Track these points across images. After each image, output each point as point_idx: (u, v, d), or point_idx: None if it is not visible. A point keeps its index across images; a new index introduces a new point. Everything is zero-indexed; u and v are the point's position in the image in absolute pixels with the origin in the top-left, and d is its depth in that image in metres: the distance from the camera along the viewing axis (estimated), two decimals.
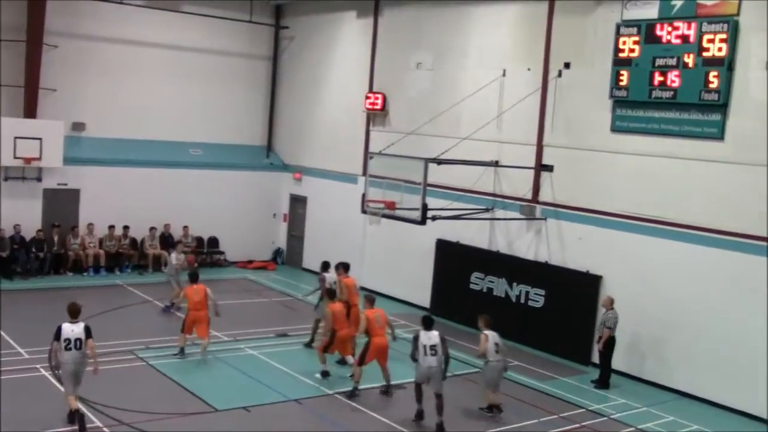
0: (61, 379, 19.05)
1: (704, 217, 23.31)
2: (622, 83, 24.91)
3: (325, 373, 22.79)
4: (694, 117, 23.43)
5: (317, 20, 37.77)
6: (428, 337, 20.03)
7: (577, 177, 26.70)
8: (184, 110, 37.36)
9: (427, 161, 24.68)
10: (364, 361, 21.56)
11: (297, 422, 20.03)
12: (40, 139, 32.27)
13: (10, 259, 32.27)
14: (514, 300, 28.25)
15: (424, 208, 24.54)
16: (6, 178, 32.66)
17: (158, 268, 34.82)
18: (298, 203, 39.20)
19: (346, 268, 25.93)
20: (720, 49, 22.61)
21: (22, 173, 33.00)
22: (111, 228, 34.77)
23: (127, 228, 35.06)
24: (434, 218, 25.64)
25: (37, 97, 32.88)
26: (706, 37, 22.89)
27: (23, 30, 32.40)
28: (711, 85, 22.73)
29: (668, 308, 23.99)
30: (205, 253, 37.59)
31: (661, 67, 23.92)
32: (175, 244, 32.00)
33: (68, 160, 33.31)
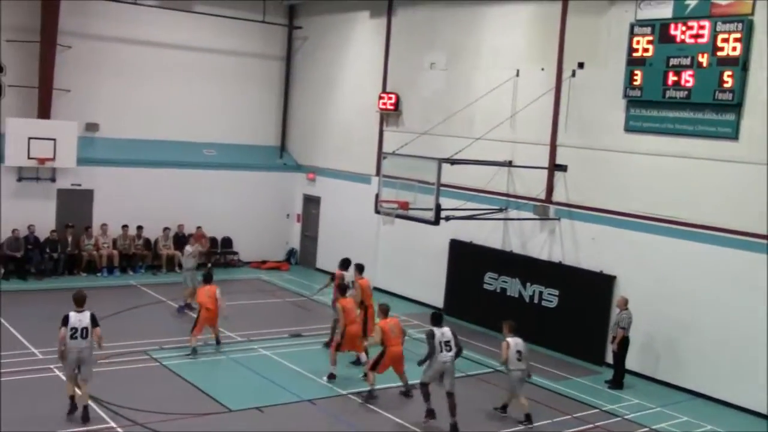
0: (65, 367, 19.09)
1: (718, 216, 23.23)
2: (635, 83, 24.84)
3: (331, 376, 22.71)
4: (709, 117, 23.36)
5: (330, 20, 37.79)
6: (442, 333, 20.00)
7: (591, 177, 26.64)
8: (197, 111, 37.41)
9: (441, 161, 24.68)
10: (378, 368, 21.44)
11: (310, 423, 20.02)
12: (54, 139, 32.38)
13: (24, 260, 32.36)
14: (527, 300, 28.20)
15: (438, 209, 24.54)
16: (20, 178, 32.77)
17: (172, 268, 34.99)
18: (311, 203, 39.21)
19: (360, 269, 25.95)
20: (734, 49, 22.52)
21: (36, 174, 33.08)
22: (124, 228, 34.82)
23: (140, 228, 35.14)
24: (448, 218, 25.63)
25: (51, 98, 32.95)
26: (720, 36, 22.81)
27: (37, 31, 32.48)
28: (725, 85, 22.64)
29: (682, 308, 23.92)
30: (219, 253, 37.63)
31: (675, 66, 23.85)
32: (188, 238, 31.89)
33: (82, 161, 33.41)
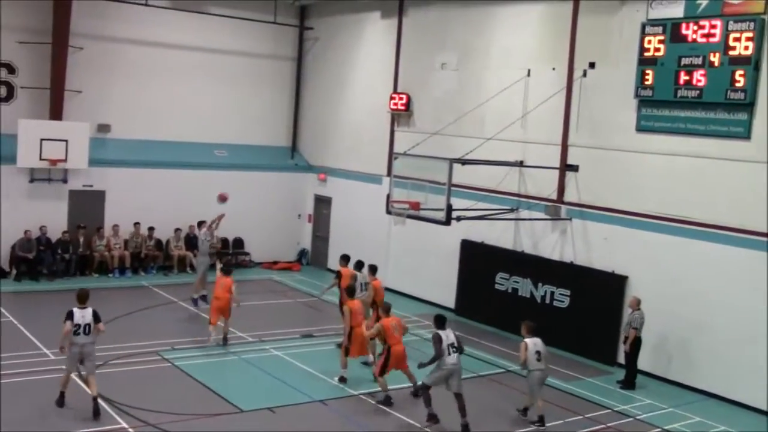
0: (67, 360, 19.32)
1: (730, 216, 23.15)
2: (647, 83, 24.78)
3: (342, 379, 22.64)
4: (720, 116, 23.28)
5: (342, 21, 37.79)
6: (447, 335, 19.94)
7: (603, 177, 26.58)
8: (208, 111, 37.46)
9: (452, 161, 24.63)
10: (386, 372, 21.34)
11: (322, 423, 19.99)
12: (65, 140, 32.41)
13: (36, 261, 32.42)
14: (539, 300, 28.15)
15: (449, 209, 24.50)
16: (32, 179, 32.82)
17: (183, 269, 35.11)
18: (322, 204, 39.21)
19: (374, 270, 25.95)
20: (746, 48, 22.43)
21: (48, 175, 33.14)
22: (136, 225, 34.87)
23: (152, 229, 35.16)
24: (459, 219, 25.61)
25: (63, 99, 33.00)
26: (732, 35, 22.73)
27: (49, 32, 32.53)
28: (737, 84, 22.57)
29: (694, 308, 23.83)
30: (231, 254, 37.58)
31: (687, 66, 23.78)
32: (200, 224, 31.65)
33: (94, 162, 33.47)
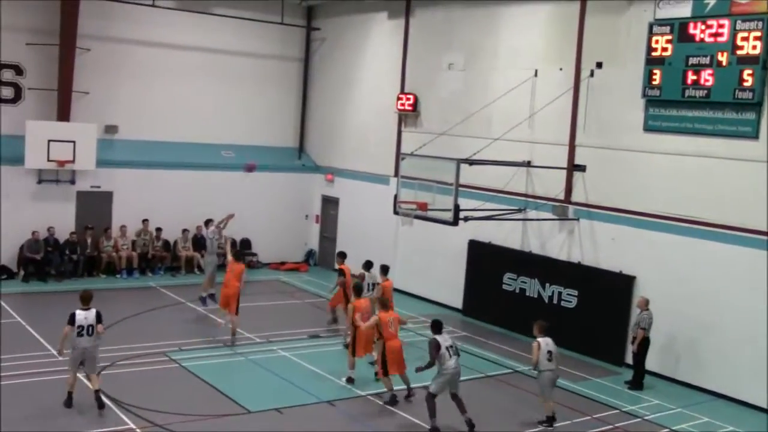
0: (69, 361, 19.54)
1: (739, 216, 23.10)
2: (654, 82, 24.74)
3: (349, 380, 22.63)
4: (728, 116, 23.24)
5: (348, 21, 37.80)
6: (444, 339, 19.93)
7: (610, 177, 26.55)
8: (215, 112, 37.46)
9: (459, 162, 24.65)
10: (389, 371, 21.20)
11: (330, 424, 20.00)
12: (73, 142, 32.44)
13: (44, 262, 32.45)
14: (546, 301, 28.13)
15: (457, 209, 24.50)
16: (40, 180, 32.85)
17: (191, 269, 35.12)
18: (330, 204, 39.21)
19: (385, 271, 25.98)
20: (754, 48, 22.38)
21: (56, 176, 33.16)
22: (145, 222, 34.87)
23: (159, 230, 35.18)
24: (466, 219, 25.60)
25: (71, 101, 33.03)
26: (740, 35, 22.68)
27: (56, 34, 32.54)
28: (745, 84, 22.52)
29: (702, 308, 23.80)
30: (246, 253, 37.37)
31: (695, 65, 23.73)
32: (208, 222, 31.55)
33: (101, 163, 33.48)
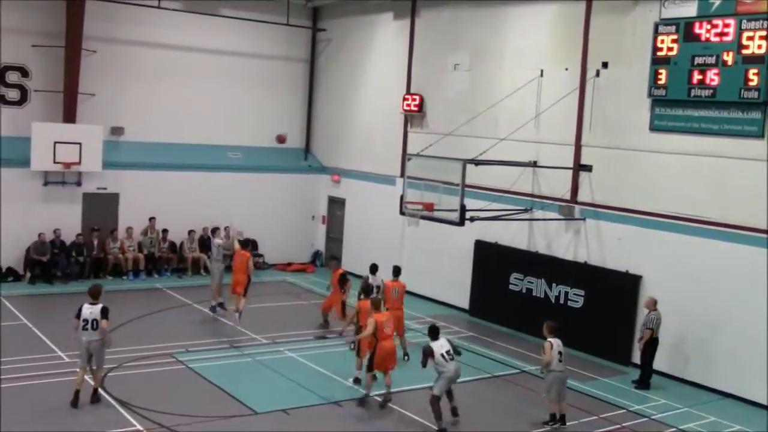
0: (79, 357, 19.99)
1: (745, 216, 23.06)
2: (660, 82, 24.72)
3: (357, 380, 22.59)
4: (734, 115, 23.21)
5: (354, 22, 37.81)
6: (440, 345, 19.98)
7: (616, 177, 26.53)
8: (222, 113, 37.48)
9: (465, 162, 24.61)
10: (373, 368, 21.15)
11: (337, 425, 19.99)
12: (79, 143, 32.44)
13: (50, 264, 32.46)
14: (553, 301, 28.11)
15: (463, 209, 24.46)
16: (46, 182, 32.88)
17: (197, 271, 35.11)
18: (336, 205, 39.23)
19: (395, 272, 26.03)
20: (759, 47, 22.35)
21: (62, 178, 33.18)
22: (151, 220, 34.86)
23: (166, 231, 35.20)
24: (473, 219, 25.58)
25: (77, 102, 33.05)
26: (745, 34, 22.66)
27: (62, 36, 32.62)
28: (751, 83, 22.49)
29: (710, 308, 23.76)
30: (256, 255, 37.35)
31: (700, 65, 23.71)
32: (215, 230, 31.52)
33: (107, 165, 33.50)
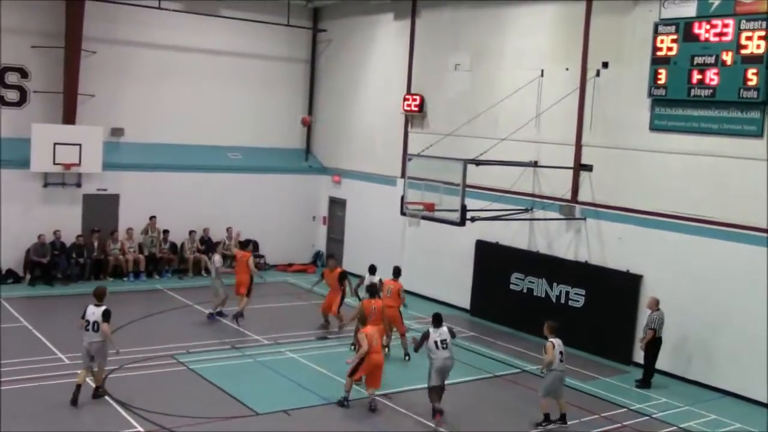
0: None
1: (745, 215, 23.10)
2: (660, 82, 24.75)
3: (359, 380, 22.60)
4: (733, 115, 23.26)
5: (355, 23, 37.81)
6: (438, 333, 20.23)
7: (617, 176, 26.56)
8: (222, 114, 37.46)
9: (466, 162, 24.64)
10: (355, 375, 21.08)
11: (338, 425, 20.01)
12: (79, 145, 32.40)
13: (50, 265, 32.40)
14: (554, 300, 28.13)
15: (463, 210, 24.49)
16: (46, 184, 32.86)
17: (198, 272, 35.05)
18: (337, 206, 39.23)
19: (395, 273, 26.11)
20: (758, 47, 22.40)
21: (62, 179, 33.15)
22: (152, 218, 34.76)
23: (167, 232, 35.19)
24: (473, 219, 25.61)
25: (76, 103, 33.03)
26: (744, 34, 22.70)
27: (62, 36, 32.60)
28: (750, 83, 22.53)
29: (711, 307, 23.79)
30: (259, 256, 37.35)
31: (700, 65, 23.74)
32: (215, 246, 31.70)
33: (107, 166, 33.44)
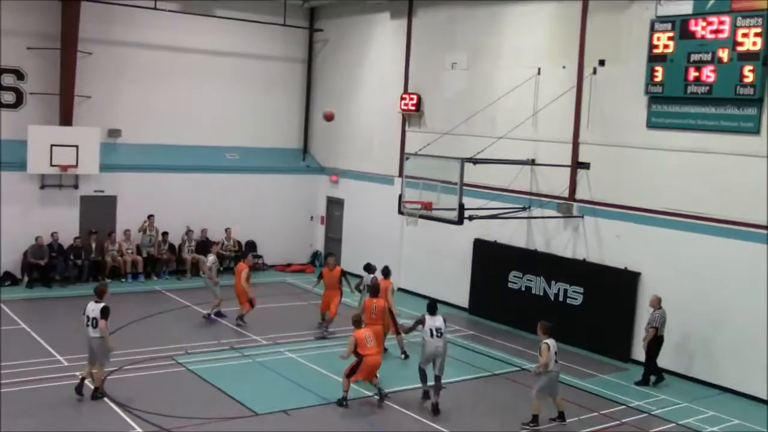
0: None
1: (742, 212, 23.10)
2: (657, 79, 24.78)
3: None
4: (730, 112, 23.27)
5: (351, 22, 37.79)
6: (433, 321, 20.61)
7: (614, 174, 26.55)
8: (219, 115, 37.44)
9: (464, 161, 24.62)
10: (352, 377, 21.01)
11: (338, 425, 20.02)
12: (76, 146, 32.38)
13: (48, 267, 32.36)
14: (552, 298, 28.14)
15: (461, 208, 24.50)
16: (43, 185, 32.85)
17: (196, 272, 34.95)
18: (335, 205, 39.21)
19: (384, 273, 26.03)
20: (755, 44, 22.45)
21: (59, 181, 33.14)
22: (150, 217, 34.70)
23: (166, 234, 35.15)
24: (471, 218, 25.58)
25: (73, 105, 33.00)
26: (740, 31, 22.73)
27: (58, 38, 32.57)
28: (746, 80, 22.58)
29: (709, 304, 23.81)
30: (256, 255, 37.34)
31: (696, 62, 23.77)
32: (210, 246, 31.69)
33: (104, 167, 33.44)
